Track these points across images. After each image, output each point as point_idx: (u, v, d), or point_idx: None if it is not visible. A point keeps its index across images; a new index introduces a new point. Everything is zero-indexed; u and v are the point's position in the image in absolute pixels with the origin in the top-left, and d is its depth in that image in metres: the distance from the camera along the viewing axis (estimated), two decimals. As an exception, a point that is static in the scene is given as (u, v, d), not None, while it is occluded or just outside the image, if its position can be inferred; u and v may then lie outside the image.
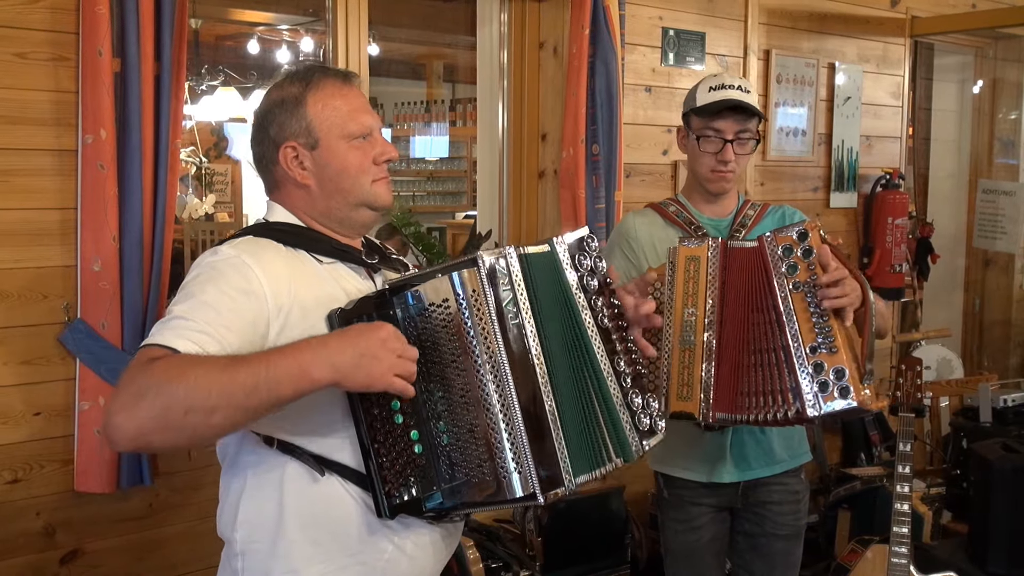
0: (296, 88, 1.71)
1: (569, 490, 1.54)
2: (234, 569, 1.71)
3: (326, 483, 1.64)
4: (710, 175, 2.50)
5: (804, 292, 2.09)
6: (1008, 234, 5.51)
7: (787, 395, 2.08)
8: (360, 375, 1.48)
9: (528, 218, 3.91)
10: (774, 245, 2.14)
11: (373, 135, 1.75)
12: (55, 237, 2.68)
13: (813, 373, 2.05)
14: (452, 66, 9.77)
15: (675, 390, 2.21)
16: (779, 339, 2.11)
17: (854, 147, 4.94)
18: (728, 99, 2.44)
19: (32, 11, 2.60)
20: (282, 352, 1.47)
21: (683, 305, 2.23)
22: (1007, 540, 3.35)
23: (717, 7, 4.26)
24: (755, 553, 2.59)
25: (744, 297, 2.18)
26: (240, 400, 1.42)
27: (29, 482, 2.70)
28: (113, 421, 1.40)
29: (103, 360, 2.66)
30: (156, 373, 1.41)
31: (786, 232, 2.14)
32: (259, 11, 6.81)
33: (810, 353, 2.06)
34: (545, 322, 1.60)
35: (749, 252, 2.19)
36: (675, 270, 2.26)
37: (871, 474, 4.11)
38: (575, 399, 1.63)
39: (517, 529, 3.50)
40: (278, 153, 1.70)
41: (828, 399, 2.04)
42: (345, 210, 1.74)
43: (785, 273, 2.11)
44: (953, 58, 5.96)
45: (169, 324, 1.52)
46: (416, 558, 1.71)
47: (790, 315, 2.09)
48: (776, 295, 2.11)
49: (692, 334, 2.22)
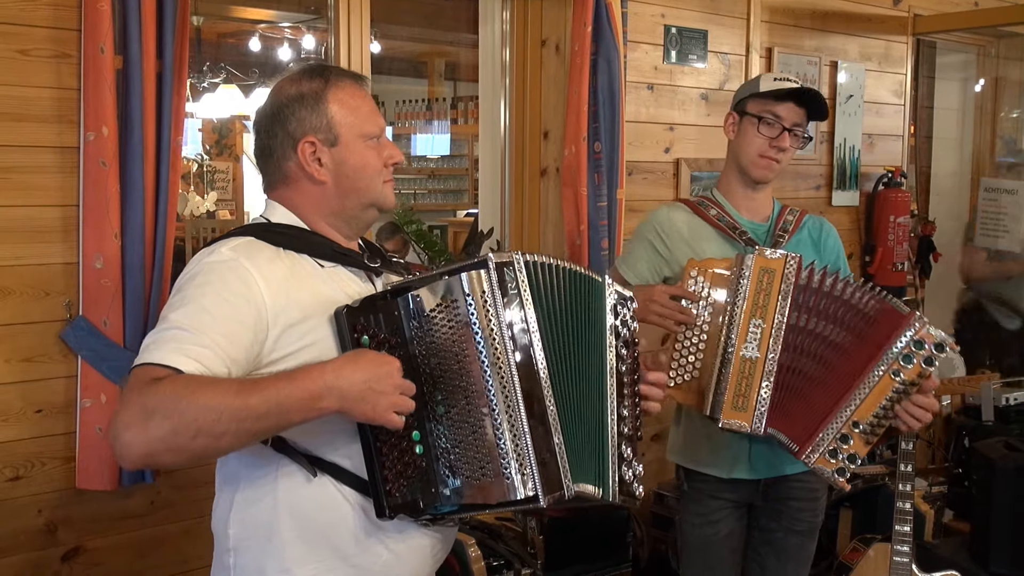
0: (316, 84, 1.71)
1: (569, 494, 1.55)
2: (226, 565, 1.71)
3: (319, 484, 1.65)
4: (758, 160, 2.48)
5: (897, 385, 2.15)
6: (1010, 232, 5.50)
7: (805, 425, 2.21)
8: (365, 408, 1.50)
9: (530, 216, 3.90)
10: (916, 329, 2.15)
11: (382, 138, 1.76)
12: (57, 234, 2.67)
13: (837, 440, 2.17)
14: (453, 64, 9.78)
15: (731, 400, 2.23)
16: (832, 393, 2.19)
17: (856, 145, 4.93)
18: (796, 88, 2.45)
19: (35, 8, 2.60)
20: (292, 379, 1.48)
21: (751, 316, 2.24)
22: (1009, 539, 3.35)
23: (720, 5, 4.25)
24: (769, 547, 2.60)
25: (850, 342, 2.23)
26: (249, 426, 1.45)
27: (30, 479, 2.69)
28: (122, 438, 1.41)
29: (105, 358, 2.66)
30: (164, 394, 1.41)
31: (932, 332, 2.16)
32: (261, 8, 6.81)
33: (852, 426, 2.17)
34: (556, 331, 1.61)
35: (897, 316, 2.20)
36: (746, 277, 2.26)
37: (873, 472, 4.10)
38: (579, 412, 1.64)
39: (519, 527, 3.50)
40: (295, 148, 1.69)
41: (826, 464, 2.21)
42: (356, 209, 1.74)
43: (896, 359, 2.15)
44: (955, 56, 5.95)
45: (168, 336, 1.51)
46: (409, 562, 1.71)
47: (862, 386, 2.17)
48: (876, 360, 2.16)
49: (756, 347, 2.23)
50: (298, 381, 1.47)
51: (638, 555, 3.77)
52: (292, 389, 1.46)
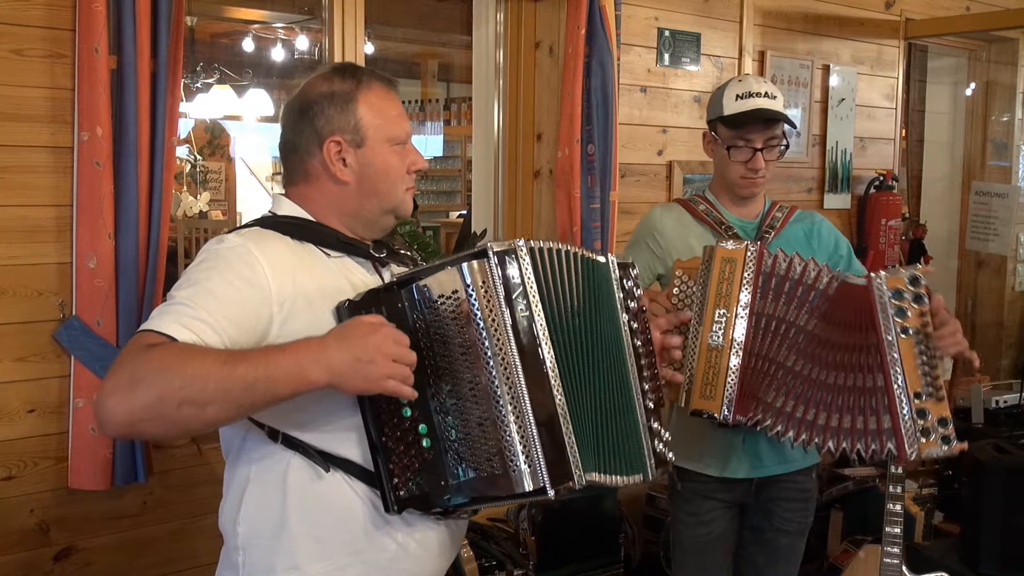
0: (347, 85, 1.71)
1: (579, 484, 1.54)
2: (235, 563, 1.71)
3: (330, 479, 1.64)
4: (740, 181, 2.51)
5: (915, 339, 2.11)
6: (1001, 236, 5.53)
7: (879, 436, 2.11)
8: (357, 379, 1.48)
9: (523, 218, 3.91)
10: (882, 286, 2.13)
11: (408, 144, 1.76)
12: (50, 234, 2.67)
13: (916, 417, 2.08)
14: (447, 65, 9.77)
15: (699, 388, 2.23)
16: (870, 380, 2.13)
17: (848, 148, 4.95)
18: (758, 110, 2.44)
19: (28, 7, 2.60)
20: (281, 351, 1.47)
21: (715, 305, 2.25)
22: (999, 540, 3.37)
23: (713, 8, 4.27)
24: (759, 546, 2.62)
25: (832, 330, 2.19)
26: (236, 396, 1.43)
27: (23, 479, 2.69)
28: (106, 404, 1.41)
29: (98, 357, 2.65)
30: (153, 361, 1.41)
31: (895, 273, 2.14)
32: (254, 9, 6.80)
33: (915, 399, 2.09)
34: (562, 317, 1.61)
35: (858, 290, 2.18)
36: (710, 269, 2.27)
37: (863, 474, 4.12)
38: (600, 401, 1.65)
39: (511, 527, 3.51)
40: (321, 146, 1.70)
41: (929, 444, 2.09)
42: (375, 213, 1.74)
43: (893, 315, 2.12)
44: (947, 60, 5.98)
45: (170, 309, 1.51)
46: (420, 557, 1.71)
47: (894, 359, 2.11)
48: (880, 335, 2.12)
49: (721, 335, 2.23)
50: (287, 352, 1.47)
51: (630, 555, 3.78)
52: (281, 359, 1.45)
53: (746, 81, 2.51)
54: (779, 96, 2.50)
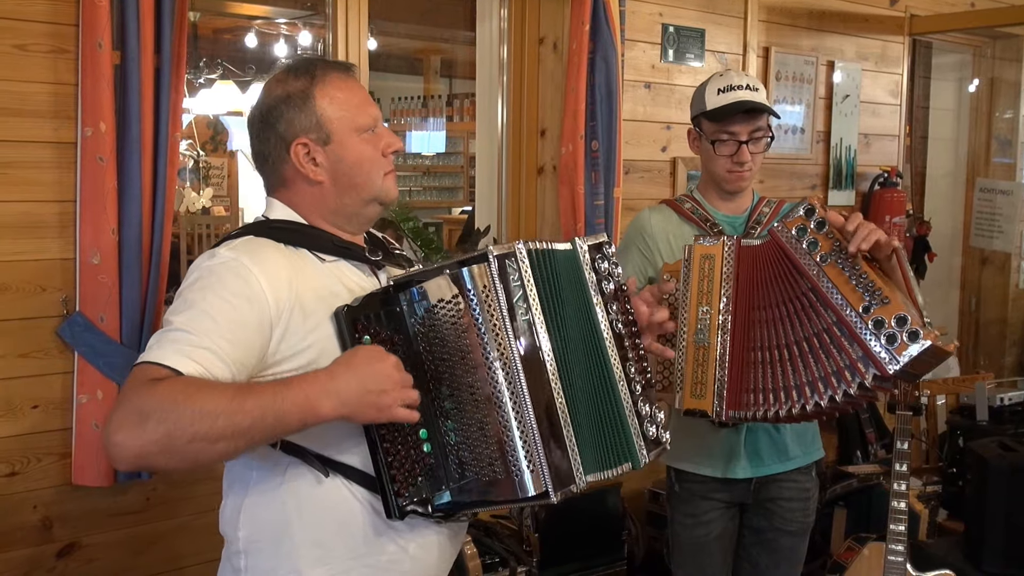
0: (301, 82, 1.67)
1: (580, 487, 1.53)
2: (236, 567, 1.70)
3: (330, 485, 1.63)
4: (727, 175, 2.50)
5: (834, 260, 2.03)
6: (1005, 233, 5.52)
7: (855, 367, 1.99)
8: (369, 411, 1.49)
9: (527, 214, 3.90)
10: (786, 231, 2.10)
11: (378, 127, 1.72)
12: (54, 230, 2.67)
13: (875, 331, 1.95)
14: (449, 61, 9.77)
15: (689, 388, 2.23)
16: (824, 319, 2.04)
17: (852, 145, 4.94)
18: (739, 102, 2.43)
19: (32, 3, 2.59)
20: (289, 385, 1.47)
21: (698, 303, 2.24)
22: (1003, 538, 3.36)
23: (717, 4, 4.26)
24: (761, 547, 2.60)
25: (768, 292, 2.15)
26: (245, 431, 1.42)
27: (26, 475, 2.69)
28: (114, 439, 1.39)
29: (101, 353, 2.65)
30: (161, 396, 1.40)
31: (792, 215, 2.11)
32: (257, 4, 6.79)
33: (864, 314, 1.97)
34: (558, 319, 1.59)
35: (765, 247, 2.16)
36: (690, 268, 2.27)
37: (867, 472, 4.12)
38: (587, 398, 1.62)
39: (514, 525, 3.50)
40: (288, 150, 1.66)
41: (901, 349, 1.94)
42: (357, 206, 1.71)
43: (807, 251, 2.06)
44: (951, 57, 5.96)
45: (169, 336, 1.49)
46: (420, 559, 1.70)
47: (829, 288, 2.03)
48: (808, 275, 2.06)
49: (706, 333, 2.22)
50: (295, 387, 1.46)
51: (633, 552, 3.78)
52: (289, 393, 1.45)
53: (727, 75, 2.51)
54: (761, 88, 2.49)
